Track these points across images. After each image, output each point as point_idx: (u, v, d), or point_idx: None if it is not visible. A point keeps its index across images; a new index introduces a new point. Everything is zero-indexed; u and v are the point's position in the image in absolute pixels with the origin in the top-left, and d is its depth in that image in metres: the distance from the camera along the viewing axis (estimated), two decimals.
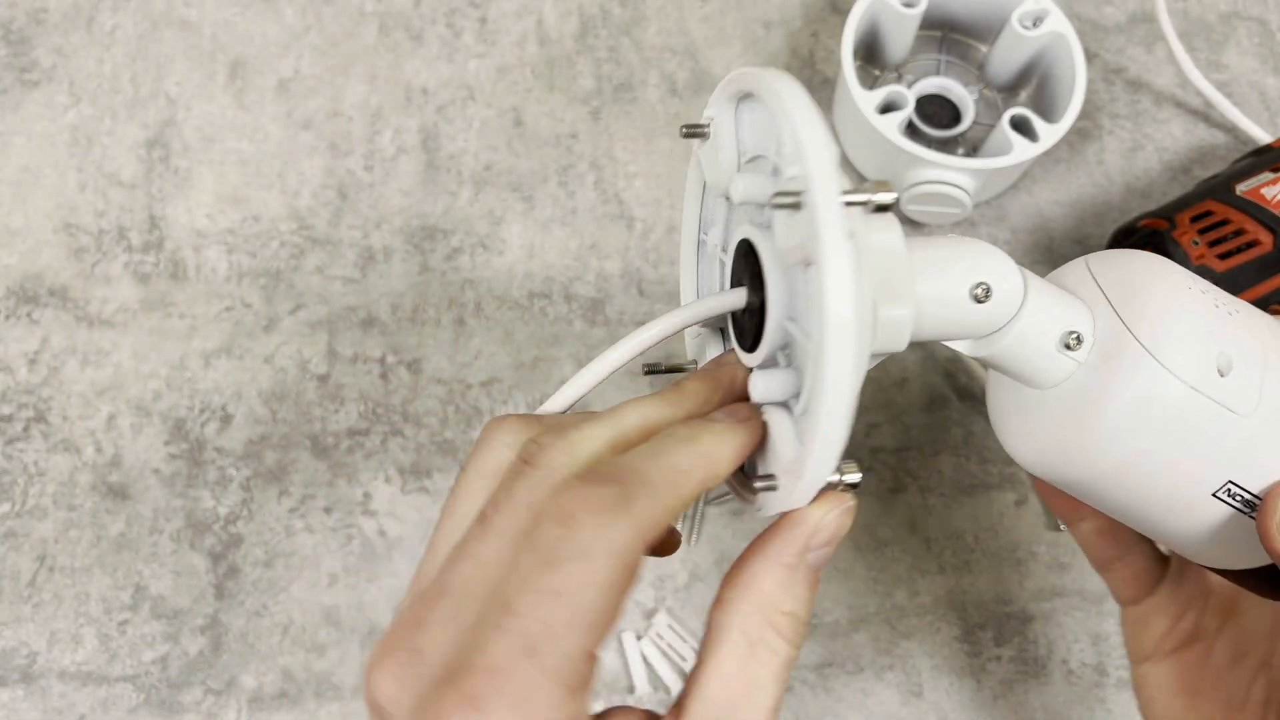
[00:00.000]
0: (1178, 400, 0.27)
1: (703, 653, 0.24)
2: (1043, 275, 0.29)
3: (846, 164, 0.54)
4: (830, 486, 0.24)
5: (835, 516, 0.24)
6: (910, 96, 0.51)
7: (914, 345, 0.51)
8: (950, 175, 0.49)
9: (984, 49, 0.55)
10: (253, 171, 0.53)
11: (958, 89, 0.54)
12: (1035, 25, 0.51)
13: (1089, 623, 0.47)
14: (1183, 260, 0.46)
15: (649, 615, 0.46)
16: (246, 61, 0.55)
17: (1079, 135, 0.55)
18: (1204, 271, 0.46)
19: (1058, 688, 0.46)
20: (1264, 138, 0.54)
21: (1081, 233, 0.53)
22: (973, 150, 0.53)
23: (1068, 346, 0.28)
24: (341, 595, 0.46)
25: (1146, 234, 0.48)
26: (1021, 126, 0.50)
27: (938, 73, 0.55)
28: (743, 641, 0.23)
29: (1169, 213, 0.48)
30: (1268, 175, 0.48)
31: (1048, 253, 0.53)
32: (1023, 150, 0.49)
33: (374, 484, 0.48)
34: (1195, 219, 0.47)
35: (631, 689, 0.45)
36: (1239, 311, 0.28)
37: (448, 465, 0.48)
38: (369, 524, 0.47)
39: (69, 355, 0.49)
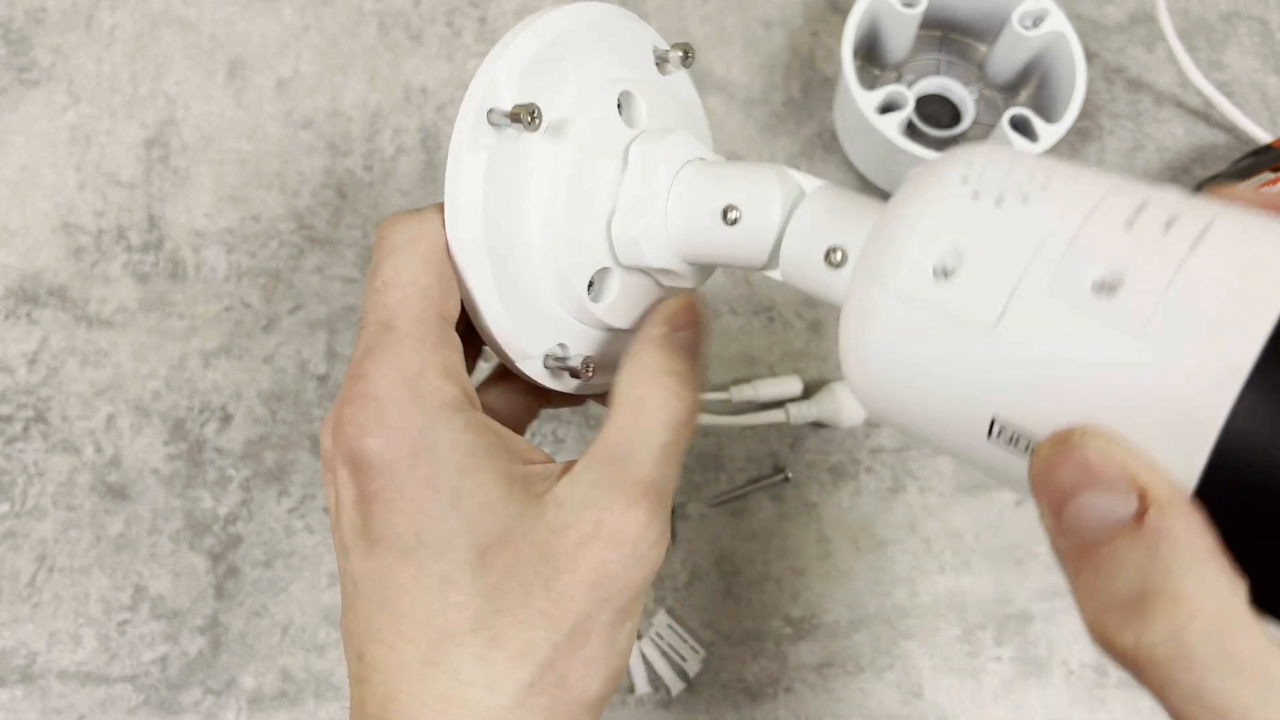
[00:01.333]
0: (888, 311, 0.22)
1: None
2: None
3: (848, 164, 0.54)
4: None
5: (677, 302, 0.30)
6: (910, 96, 0.51)
7: None
8: None
9: (984, 49, 0.55)
10: (252, 171, 0.53)
11: (958, 89, 0.54)
12: (1035, 25, 0.51)
13: None
14: None
15: (649, 615, 0.46)
16: (245, 61, 0.55)
17: (1079, 135, 0.55)
18: None
19: (1058, 688, 0.46)
20: (1264, 138, 0.54)
21: None
22: None
23: (830, 263, 0.26)
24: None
25: None
26: (1021, 126, 0.50)
27: (938, 73, 0.55)
28: (632, 397, 0.27)
29: None
30: (1268, 175, 0.48)
31: None
32: (1023, 150, 0.49)
33: None
34: None
35: (631, 688, 0.45)
36: (1029, 199, 0.21)
37: None
38: None
39: (68, 355, 0.49)
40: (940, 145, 0.52)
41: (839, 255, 0.26)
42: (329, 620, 0.46)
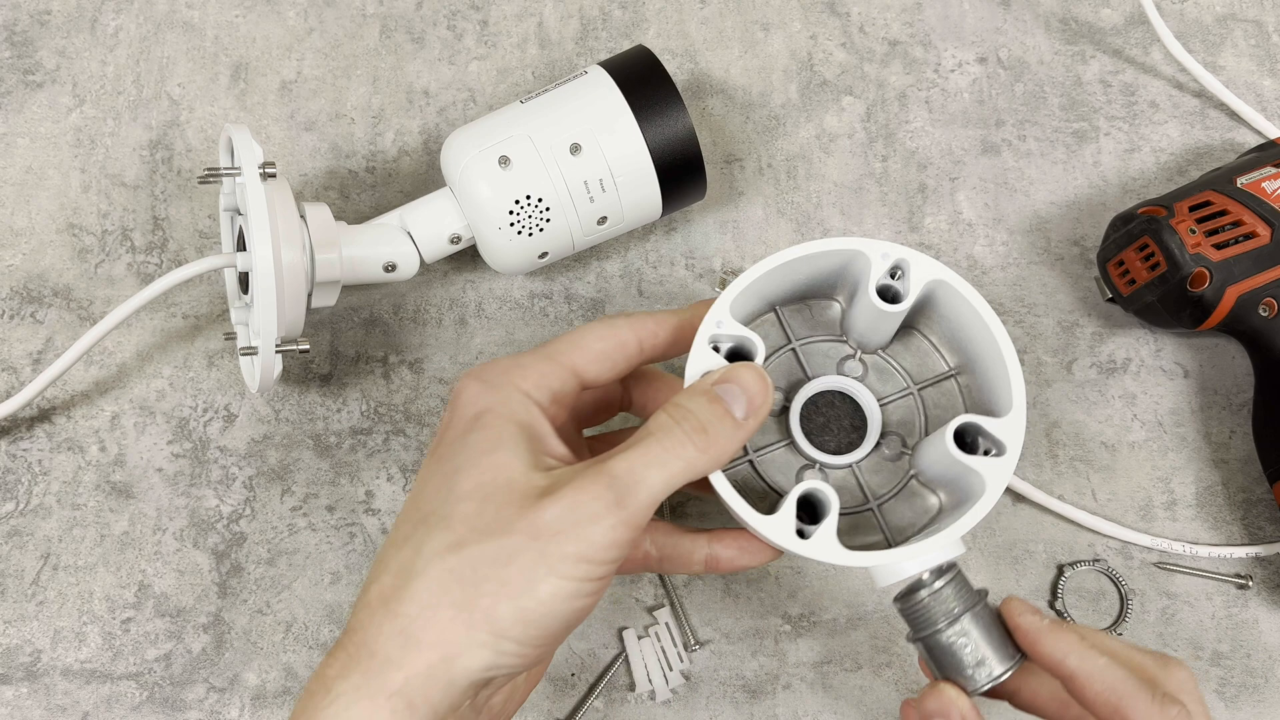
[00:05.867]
0: None
1: None
2: (1041, 276, 0.28)
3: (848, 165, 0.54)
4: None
5: (741, 367, 0.35)
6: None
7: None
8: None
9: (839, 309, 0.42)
10: None
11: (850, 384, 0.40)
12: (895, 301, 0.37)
13: (1085, 621, 0.47)
14: (1178, 247, 0.47)
15: (649, 612, 0.47)
16: (249, 63, 0.56)
17: (1075, 138, 0.56)
18: (1199, 260, 0.47)
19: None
20: (1260, 139, 0.55)
21: (1078, 234, 0.54)
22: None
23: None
24: (344, 593, 0.47)
25: (1144, 220, 0.48)
26: (970, 442, 0.37)
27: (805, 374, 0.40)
28: (652, 430, 0.33)
29: (1168, 201, 0.49)
30: (1270, 170, 0.49)
31: (1044, 254, 0.53)
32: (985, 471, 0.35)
33: (376, 483, 0.48)
34: (1194, 208, 0.48)
35: (632, 686, 0.45)
36: None
37: None
38: (371, 522, 0.48)
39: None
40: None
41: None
42: (332, 618, 0.46)
